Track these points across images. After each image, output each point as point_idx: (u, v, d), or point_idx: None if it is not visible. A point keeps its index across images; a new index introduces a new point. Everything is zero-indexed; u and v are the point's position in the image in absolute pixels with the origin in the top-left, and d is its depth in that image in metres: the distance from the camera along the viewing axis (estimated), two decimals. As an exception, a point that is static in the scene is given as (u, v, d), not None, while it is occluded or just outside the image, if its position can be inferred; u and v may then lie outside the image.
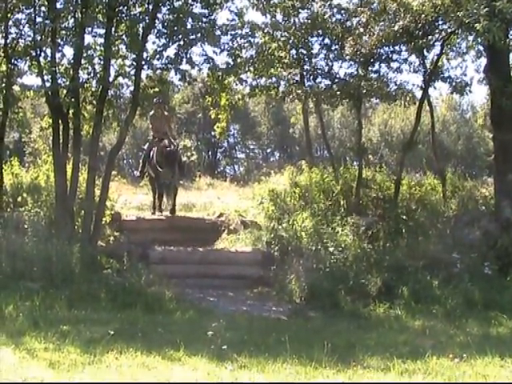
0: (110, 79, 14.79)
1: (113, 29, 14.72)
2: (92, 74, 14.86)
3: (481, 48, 15.69)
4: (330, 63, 17.07)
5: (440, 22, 15.46)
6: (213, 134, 32.81)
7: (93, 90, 15.31)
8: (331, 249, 13.94)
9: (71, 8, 14.45)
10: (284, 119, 41.55)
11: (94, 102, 15.19)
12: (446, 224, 15.88)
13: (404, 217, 15.90)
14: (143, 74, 15.42)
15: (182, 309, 12.00)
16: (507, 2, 12.68)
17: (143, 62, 14.82)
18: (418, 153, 27.72)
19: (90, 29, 14.79)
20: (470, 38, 14.70)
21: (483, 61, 16.49)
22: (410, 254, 14.24)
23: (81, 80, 14.68)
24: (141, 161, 18.94)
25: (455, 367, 8.09)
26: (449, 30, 15.66)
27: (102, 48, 14.73)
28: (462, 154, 40.92)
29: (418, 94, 17.30)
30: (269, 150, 46.57)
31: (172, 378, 7.31)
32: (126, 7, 14.86)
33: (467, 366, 8.17)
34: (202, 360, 8.13)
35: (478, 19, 12.77)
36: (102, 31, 14.70)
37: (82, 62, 14.57)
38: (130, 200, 19.53)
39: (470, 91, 17.11)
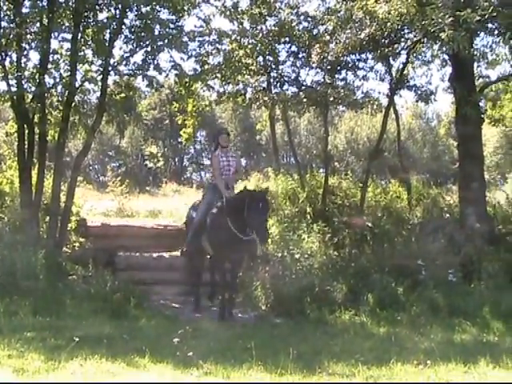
0: (77, 84, 14.71)
1: (79, 34, 14.64)
2: (58, 80, 14.76)
3: (446, 57, 15.87)
4: (297, 70, 17.18)
5: (405, 31, 15.62)
6: (179, 140, 32.76)
7: (59, 95, 15.22)
8: (297, 256, 13.92)
9: (37, 13, 14.36)
10: (251, 126, 41.69)
11: (60, 107, 15.11)
12: (411, 231, 16.00)
13: (369, 224, 15.99)
14: (110, 80, 15.39)
15: (148, 315, 11.95)
16: (471, 11, 12.83)
17: (110, 68, 14.76)
18: (384, 160, 27.88)
19: (56, 34, 14.70)
20: (435, 46, 14.85)
21: (448, 70, 16.67)
22: (376, 261, 14.30)
23: (47, 85, 14.59)
24: (186, 224, 13.92)
25: (419, 373, 8.13)
26: (414, 39, 15.81)
27: (69, 53, 14.66)
28: (427, 161, 41.29)
29: (384, 101, 17.46)
30: (235, 157, 46.54)
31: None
32: (92, 13, 14.78)
33: (431, 372, 8.22)
34: (167, 367, 8.11)
35: (442, 28, 12.92)
36: (69, 36, 14.61)
37: (48, 66, 14.47)
38: (96, 206, 19.40)
39: (435, 100, 17.35)
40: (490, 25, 14.17)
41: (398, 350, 9.88)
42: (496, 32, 14.52)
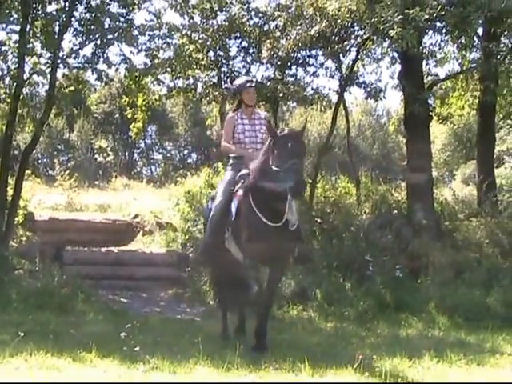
0: (25, 77, 14.56)
1: (28, 26, 14.48)
2: (6, 72, 14.62)
3: (395, 54, 15.96)
4: (248, 66, 17.24)
5: (356, 28, 15.74)
6: (130, 134, 32.61)
7: (6, 87, 15.05)
8: (246, 250, 13.93)
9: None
10: (201, 121, 41.61)
11: (8, 100, 14.95)
12: (359, 227, 16.08)
13: (318, 220, 16.06)
14: (59, 73, 15.26)
15: (96, 310, 11.90)
16: (420, 10, 12.97)
17: (59, 61, 14.64)
18: (334, 156, 28.04)
19: (4, 25, 14.53)
20: (385, 44, 14.96)
21: (397, 67, 16.78)
22: (324, 257, 14.37)
23: (-6, 77, 14.44)
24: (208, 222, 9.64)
25: (365, 368, 8.19)
26: (364, 36, 15.93)
27: (17, 45, 14.49)
28: (377, 158, 41.62)
29: (334, 98, 17.56)
30: (186, 152, 46.62)
31: (83, 380, 7.22)
32: (41, 4, 14.62)
33: (377, 366, 8.30)
34: (113, 362, 8.06)
35: (392, 26, 13.04)
36: (17, 28, 14.45)
37: (-4, 58, 14.32)
38: (45, 200, 19.21)
39: (385, 97, 17.47)
40: (438, 23, 14.38)
41: (345, 344, 9.97)
42: (444, 31, 14.72)
